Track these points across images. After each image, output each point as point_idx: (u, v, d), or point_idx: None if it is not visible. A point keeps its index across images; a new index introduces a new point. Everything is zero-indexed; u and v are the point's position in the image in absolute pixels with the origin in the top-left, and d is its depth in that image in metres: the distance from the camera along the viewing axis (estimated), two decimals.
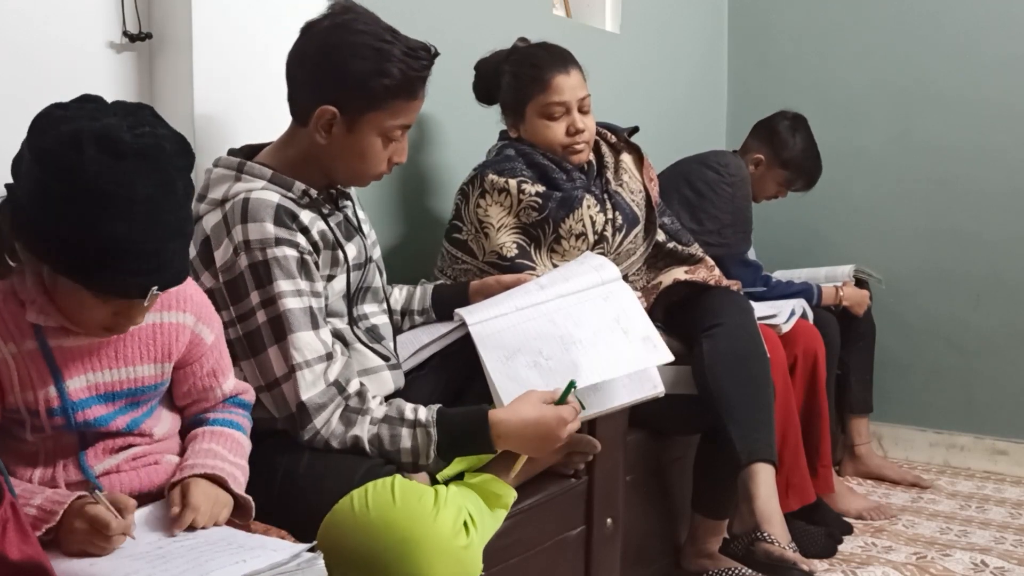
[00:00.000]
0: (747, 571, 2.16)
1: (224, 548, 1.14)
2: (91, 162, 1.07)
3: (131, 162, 1.08)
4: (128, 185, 1.08)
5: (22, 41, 1.65)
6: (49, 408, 1.20)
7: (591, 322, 1.71)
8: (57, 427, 1.22)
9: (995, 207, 3.29)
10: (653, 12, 3.31)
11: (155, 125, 1.14)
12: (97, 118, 1.10)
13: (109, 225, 1.08)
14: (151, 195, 1.10)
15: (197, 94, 1.77)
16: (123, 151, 1.08)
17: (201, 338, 1.33)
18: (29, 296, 1.18)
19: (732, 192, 2.72)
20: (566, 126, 2.14)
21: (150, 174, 1.10)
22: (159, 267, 1.13)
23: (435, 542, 1.30)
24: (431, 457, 1.47)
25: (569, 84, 2.13)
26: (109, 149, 1.08)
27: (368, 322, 1.68)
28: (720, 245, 2.62)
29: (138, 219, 1.09)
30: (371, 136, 1.55)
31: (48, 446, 1.24)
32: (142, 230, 1.10)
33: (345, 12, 1.55)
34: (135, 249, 1.10)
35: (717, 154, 2.86)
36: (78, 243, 1.09)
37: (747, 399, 2.11)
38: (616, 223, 2.21)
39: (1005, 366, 3.30)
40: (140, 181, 1.09)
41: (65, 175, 1.08)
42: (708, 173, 2.74)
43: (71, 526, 1.11)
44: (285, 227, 1.48)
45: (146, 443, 1.30)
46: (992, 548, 2.58)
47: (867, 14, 3.50)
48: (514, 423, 1.49)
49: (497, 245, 2.09)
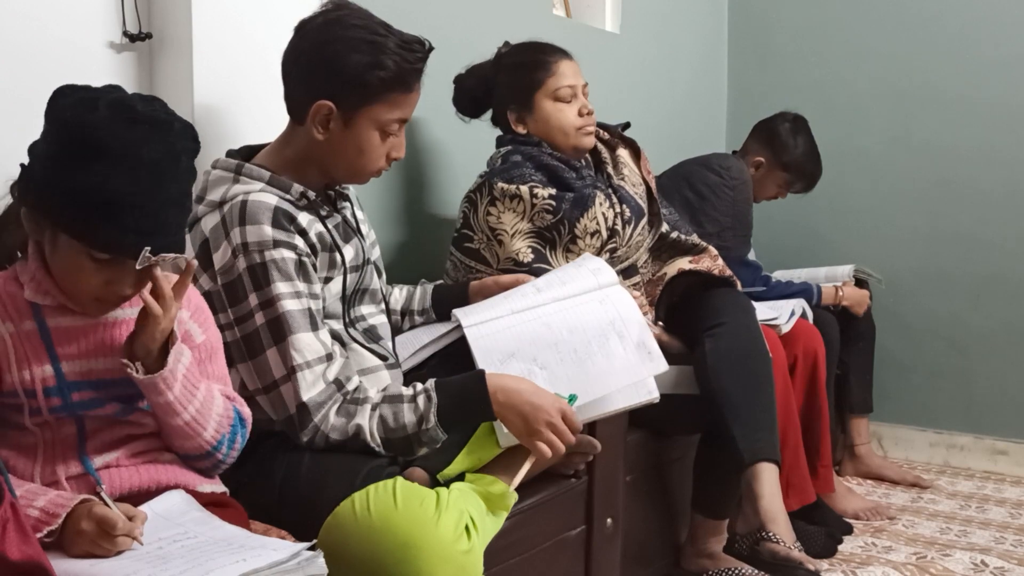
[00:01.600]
0: (748, 570, 2.15)
1: (224, 548, 1.14)
2: (104, 121, 1.15)
3: (141, 128, 1.16)
4: (136, 146, 1.15)
5: (22, 41, 1.65)
6: (46, 388, 1.22)
7: (586, 328, 1.71)
8: (54, 409, 1.23)
9: (995, 207, 3.29)
10: (653, 12, 3.31)
11: (167, 109, 1.22)
12: (113, 92, 1.20)
13: (115, 181, 1.15)
14: (157, 161, 1.17)
15: (197, 94, 1.77)
16: (135, 117, 1.16)
17: (191, 335, 1.34)
18: (28, 274, 1.23)
19: (733, 196, 2.73)
20: (578, 108, 2.17)
21: (158, 142, 1.17)
22: (156, 229, 1.18)
23: (436, 547, 1.30)
24: (432, 421, 1.47)
25: (574, 69, 2.19)
26: (122, 113, 1.16)
27: (366, 323, 1.68)
28: (720, 248, 2.63)
29: (142, 180, 1.16)
30: (369, 130, 1.55)
31: (48, 437, 1.25)
32: (145, 191, 1.16)
33: (338, 9, 1.56)
34: (136, 207, 1.16)
35: (719, 157, 2.86)
36: (84, 196, 1.15)
37: (750, 399, 2.11)
38: (624, 216, 2.22)
39: (1005, 366, 3.30)
40: (148, 146, 1.16)
41: (78, 131, 1.15)
42: (710, 176, 2.74)
43: (77, 527, 1.11)
44: (283, 229, 1.48)
45: (144, 433, 1.30)
46: (992, 548, 2.58)
47: (867, 14, 3.50)
48: (510, 382, 1.52)
49: (513, 251, 2.09)
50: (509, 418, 1.51)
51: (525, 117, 2.19)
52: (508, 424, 1.53)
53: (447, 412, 1.49)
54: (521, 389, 1.52)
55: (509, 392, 1.50)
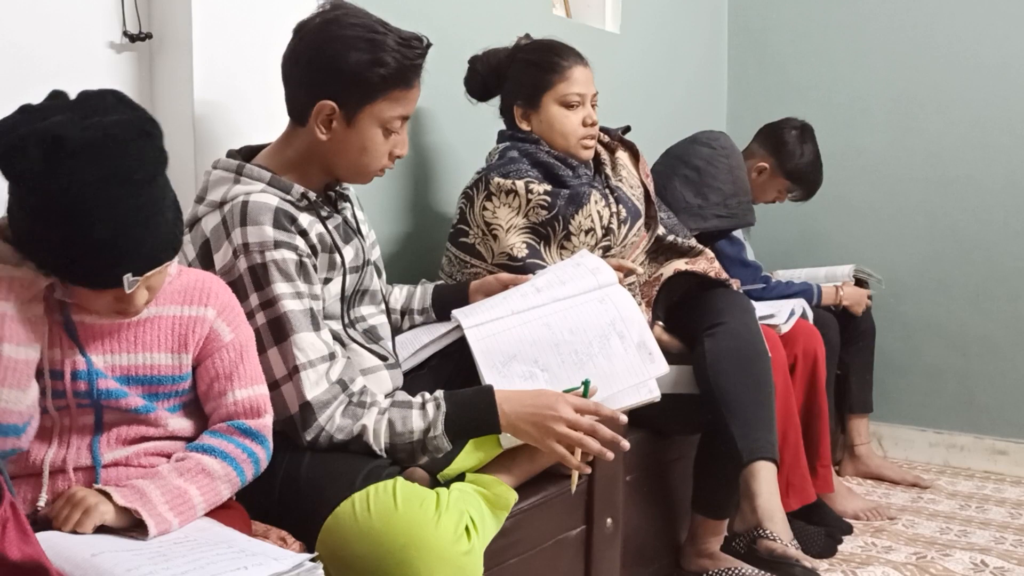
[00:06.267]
0: (747, 570, 2.16)
1: (225, 552, 1.13)
2: (35, 165, 1.09)
3: (76, 159, 1.10)
4: (73, 183, 1.10)
5: (22, 41, 1.65)
6: (75, 371, 1.22)
7: (587, 328, 1.71)
8: (79, 393, 1.23)
9: (995, 207, 3.29)
10: (653, 12, 3.31)
11: (107, 112, 1.15)
12: (47, 117, 1.12)
13: (63, 226, 1.12)
14: (98, 188, 1.11)
15: (197, 94, 1.77)
16: (68, 148, 1.09)
17: (218, 334, 1.33)
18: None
19: (729, 163, 2.72)
20: (583, 117, 2.17)
21: (96, 167, 1.11)
22: (122, 256, 1.15)
23: (436, 548, 1.30)
24: (440, 429, 1.47)
25: (587, 76, 2.18)
26: (53, 149, 1.09)
27: (366, 323, 1.68)
28: (728, 216, 2.62)
29: (88, 215, 1.11)
30: (371, 128, 1.56)
31: (65, 424, 1.25)
32: (96, 224, 1.11)
33: (335, 9, 1.57)
34: (91, 244, 1.13)
35: (705, 132, 2.84)
36: (43, 245, 1.14)
37: (749, 398, 2.12)
38: (620, 216, 2.22)
39: (1005, 366, 3.30)
40: (85, 176, 1.10)
41: (17, 182, 1.12)
42: (702, 150, 2.73)
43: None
44: (284, 230, 1.48)
45: (159, 435, 1.30)
46: (992, 548, 2.58)
47: (867, 15, 3.50)
48: (515, 393, 1.53)
49: (507, 246, 2.09)
50: (520, 429, 1.52)
51: (530, 115, 2.20)
52: (521, 436, 1.53)
53: (454, 422, 1.49)
54: (524, 397, 1.52)
55: (514, 403, 1.51)
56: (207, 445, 1.30)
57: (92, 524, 1.15)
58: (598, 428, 1.53)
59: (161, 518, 1.18)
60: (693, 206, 2.61)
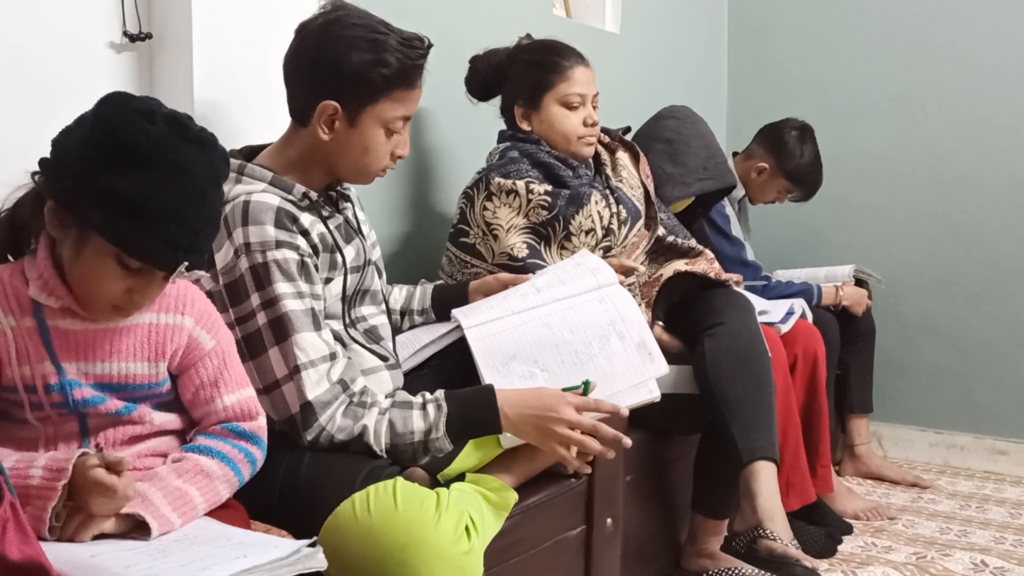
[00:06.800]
0: (747, 570, 2.16)
1: (224, 544, 1.14)
2: (162, 134, 1.16)
3: (194, 146, 1.18)
4: (190, 164, 1.18)
5: (22, 41, 1.65)
6: (46, 384, 1.21)
7: (587, 328, 1.71)
8: (56, 404, 1.22)
9: (995, 208, 3.29)
10: (653, 12, 3.31)
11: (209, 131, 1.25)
12: (163, 107, 1.21)
13: (168, 195, 1.15)
14: (204, 179, 1.19)
15: (197, 94, 1.77)
16: (189, 135, 1.19)
17: (199, 342, 1.32)
18: (36, 272, 1.21)
19: (697, 129, 2.70)
20: (583, 117, 2.17)
21: (207, 161, 1.20)
22: (195, 245, 1.20)
23: (436, 548, 1.30)
24: (441, 430, 1.47)
25: (588, 77, 2.19)
26: (178, 129, 1.18)
27: (367, 323, 1.68)
28: (709, 179, 2.61)
29: (189, 196, 1.18)
30: (374, 129, 1.56)
31: (49, 432, 1.24)
32: (190, 207, 1.18)
33: (337, 9, 1.57)
34: (180, 221, 1.17)
35: (666, 108, 2.80)
36: (129, 203, 1.14)
37: (749, 398, 2.12)
38: (621, 216, 2.22)
39: (1005, 366, 3.30)
40: (199, 164, 1.19)
41: (137, 138, 1.15)
42: (669, 122, 2.71)
43: (83, 482, 1.12)
44: (286, 230, 1.48)
45: (150, 432, 1.29)
46: (992, 548, 2.58)
47: (867, 14, 3.50)
48: (515, 393, 1.54)
49: (507, 246, 2.10)
50: (522, 430, 1.52)
51: (531, 115, 2.20)
52: (522, 436, 1.54)
53: (456, 423, 1.49)
54: (525, 398, 1.52)
55: (515, 404, 1.51)
56: (204, 446, 1.29)
57: (90, 534, 1.14)
58: (599, 427, 1.53)
59: (164, 519, 1.18)
60: (674, 175, 2.58)
